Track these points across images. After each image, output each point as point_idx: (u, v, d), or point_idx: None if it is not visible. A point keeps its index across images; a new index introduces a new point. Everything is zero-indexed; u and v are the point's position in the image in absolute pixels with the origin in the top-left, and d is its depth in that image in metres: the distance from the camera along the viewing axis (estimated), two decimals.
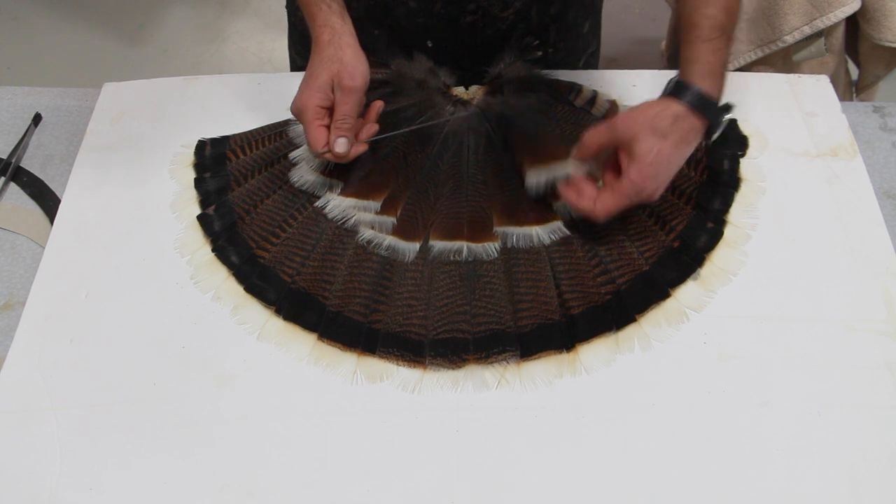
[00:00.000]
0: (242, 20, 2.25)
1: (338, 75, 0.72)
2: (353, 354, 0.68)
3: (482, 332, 0.69)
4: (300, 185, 0.79)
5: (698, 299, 0.71)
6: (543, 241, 0.74)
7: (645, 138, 0.67)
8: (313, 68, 0.74)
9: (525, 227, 0.74)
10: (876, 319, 0.70)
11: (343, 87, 0.72)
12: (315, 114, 0.73)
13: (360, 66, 0.73)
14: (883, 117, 0.88)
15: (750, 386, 0.66)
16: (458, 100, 0.86)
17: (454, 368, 0.67)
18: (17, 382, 0.67)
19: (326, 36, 0.74)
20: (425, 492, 0.61)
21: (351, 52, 0.73)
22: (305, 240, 0.75)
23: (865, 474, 0.61)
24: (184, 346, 0.69)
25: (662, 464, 0.62)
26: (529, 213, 0.75)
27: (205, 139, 0.84)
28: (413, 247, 0.74)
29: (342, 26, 0.75)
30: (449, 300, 0.71)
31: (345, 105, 0.72)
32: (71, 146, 0.87)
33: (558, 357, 0.68)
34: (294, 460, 0.63)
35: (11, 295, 0.75)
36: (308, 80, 0.74)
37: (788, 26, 1.08)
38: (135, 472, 0.62)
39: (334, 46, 0.73)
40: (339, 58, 0.73)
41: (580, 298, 0.71)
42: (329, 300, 0.71)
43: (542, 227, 0.74)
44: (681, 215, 0.76)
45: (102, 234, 0.77)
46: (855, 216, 0.77)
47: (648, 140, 0.67)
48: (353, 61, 0.73)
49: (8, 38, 2.18)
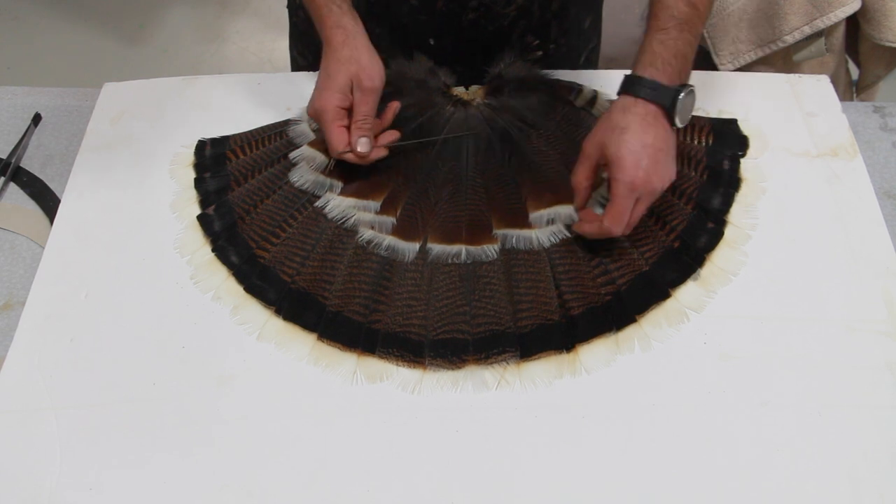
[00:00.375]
0: (242, 20, 2.25)
1: (356, 76, 0.73)
2: (352, 354, 0.68)
3: (482, 332, 0.69)
4: (300, 185, 0.79)
5: (698, 299, 0.71)
6: (543, 244, 0.74)
7: (609, 139, 0.69)
8: (329, 69, 0.74)
9: (524, 229, 0.74)
10: (876, 319, 0.70)
11: (363, 88, 0.73)
12: (335, 115, 0.74)
13: (377, 67, 0.74)
14: (883, 117, 0.88)
15: (750, 386, 0.66)
16: (458, 100, 0.86)
17: (454, 369, 0.67)
18: (17, 382, 0.67)
19: (340, 37, 0.74)
20: (425, 492, 0.61)
21: (367, 53, 0.74)
22: (305, 240, 0.75)
23: (865, 474, 0.61)
24: (184, 346, 0.69)
25: (662, 464, 0.62)
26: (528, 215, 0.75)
27: (205, 139, 0.84)
28: (413, 247, 0.74)
29: (355, 27, 0.75)
30: (449, 301, 0.71)
31: (364, 105, 0.73)
32: (71, 146, 0.87)
33: (558, 357, 0.68)
34: (294, 460, 0.63)
35: (11, 295, 0.75)
36: (325, 81, 0.74)
37: (788, 26, 1.08)
38: (135, 472, 0.62)
39: (350, 47, 0.74)
40: (357, 59, 0.73)
41: (580, 299, 0.70)
42: (329, 300, 0.71)
43: (541, 229, 0.74)
44: (681, 215, 0.76)
45: (102, 234, 0.77)
46: (855, 216, 0.77)
47: (612, 138, 0.69)
48: (371, 62, 0.74)
49: (8, 38, 2.18)
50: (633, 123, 0.69)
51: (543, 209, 0.75)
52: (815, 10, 1.06)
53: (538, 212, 0.75)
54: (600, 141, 0.70)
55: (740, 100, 0.87)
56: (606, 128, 0.70)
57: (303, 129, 0.83)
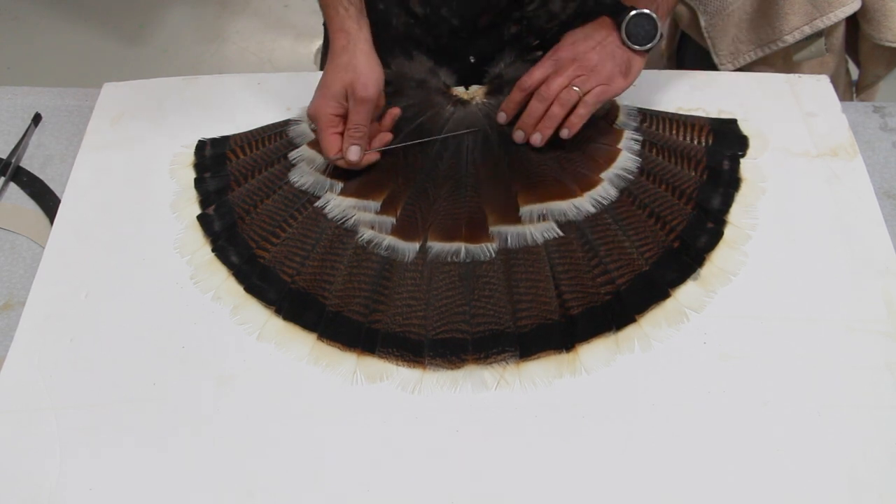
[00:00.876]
0: (242, 20, 2.25)
1: (351, 85, 0.74)
2: (352, 354, 0.68)
3: (481, 332, 0.69)
4: (300, 185, 0.79)
5: (698, 299, 0.71)
6: (537, 240, 0.74)
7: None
8: (327, 76, 0.75)
9: (518, 225, 0.74)
10: (876, 319, 0.70)
11: (356, 98, 0.74)
12: (328, 121, 0.75)
13: (374, 74, 0.74)
14: (883, 117, 0.88)
15: (750, 386, 0.66)
16: (458, 100, 0.86)
17: (453, 369, 0.67)
18: (17, 382, 0.67)
19: (342, 41, 0.75)
20: (425, 492, 0.61)
21: (365, 59, 0.74)
22: (305, 240, 0.75)
23: (865, 474, 0.61)
24: (184, 346, 0.69)
25: (663, 464, 0.62)
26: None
27: (205, 139, 0.84)
28: (412, 247, 0.74)
29: (357, 31, 0.75)
30: (448, 300, 0.71)
31: (357, 115, 0.74)
32: (71, 146, 0.87)
33: (558, 357, 0.68)
34: (294, 460, 0.63)
35: (11, 295, 0.75)
36: (322, 88, 0.76)
37: (788, 26, 1.08)
38: (135, 472, 0.62)
39: (349, 54, 0.74)
40: (353, 66, 0.74)
41: (580, 299, 0.70)
42: (329, 300, 0.71)
43: (534, 225, 0.74)
44: (681, 215, 0.76)
45: (102, 234, 0.77)
46: (855, 216, 0.77)
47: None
48: (367, 70, 0.74)
49: (8, 38, 2.18)
50: (586, 27, 0.79)
51: (534, 204, 0.75)
52: (815, 11, 1.06)
53: (528, 206, 0.75)
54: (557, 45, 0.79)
55: (740, 100, 0.87)
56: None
57: (303, 130, 0.83)
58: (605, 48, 0.77)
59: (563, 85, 0.77)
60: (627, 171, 0.79)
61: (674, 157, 0.81)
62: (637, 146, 0.81)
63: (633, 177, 0.79)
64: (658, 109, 0.86)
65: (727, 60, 1.12)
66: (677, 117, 0.85)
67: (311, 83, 0.77)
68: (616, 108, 0.85)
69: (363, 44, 0.75)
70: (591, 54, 0.77)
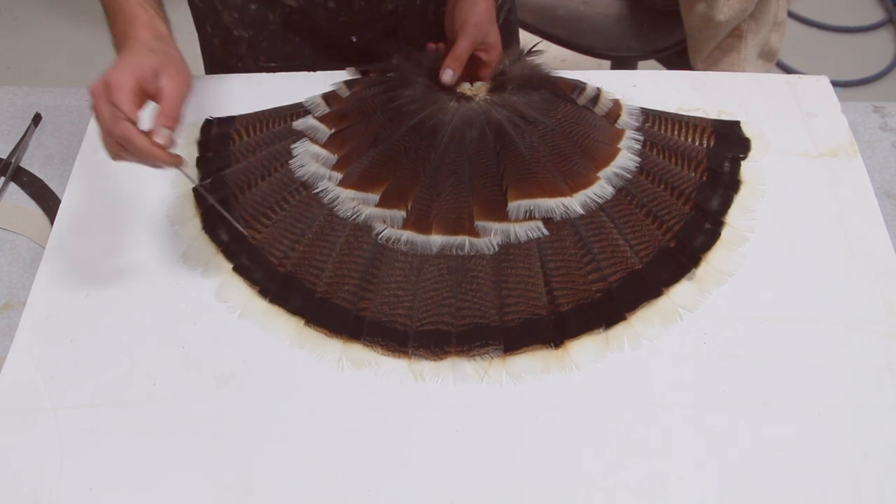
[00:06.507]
0: None
1: (166, 66, 0.70)
2: (338, 341, 0.69)
3: (466, 325, 0.69)
4: (299, 175, 0.79)
5: (693, 299, 0.71)
6: (520, 238, 0.74)
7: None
8: (135, 54, 0.71)
9: (503, 222, 0.75)
10: (876, 320, 0.70)
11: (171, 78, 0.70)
12: (131, 91, 0.70)
13: (188, 73, 0.72)
14: (883, 117, 0.88)
15: (750, 386, 0.66)
16: (461, 95, 0.86)
17: (436, 360, 0.68)
18: (17, 382, 0.67)
19: (149, 34, 0.72)
20: (425, 491, 0.61)
21: (180, 55, 0.73)
22: (297, 224, 0.75)
23: (865, 474, 0.61)
24: (184, 347, 0.69)
25: (663, 464, 0.62)
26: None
27: (212, 118, 0.85)
28: (435, 240, 0.74)
29: (168, 35, 0.74)
30: (435, 292, 0.71)
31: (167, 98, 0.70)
32: (71, 146, 0.87)
33: (545, 353, 0.68)
34: (294, 460, 0.63)
35: (11, 295, 0.75)
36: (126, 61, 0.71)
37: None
38: (135, 472, 0.62)
39: (164, 43, 0.72)
40: (170, 55, 0.71)
41: (570, 295, 0.71)
42: (318, 286, 0.72)
43: (519, 224, 0.74)
44: (678, 215, 0.76)
45: (102, 234, 0.77)
46: (855, 216, 0.77)
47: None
48: (183, 63, 0.72)
49: (8, 38, 2.18)
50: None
51: (522, 200, 0.75)
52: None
53: (516, 202, 0.75)
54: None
55: (740, 100, 0.87)
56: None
57: (306, 123, 0.84)
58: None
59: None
60: (626, 171, 0.79)
61: (674, 158, 0.81)
62: (637, 146, 0.81)
63: (632, 176, 0.79)
64: (659, 109, 0.86)
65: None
66: (680, 118, 0.85)
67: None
68: (619, 107, 0.85)
69: (175, 45, 0.73)
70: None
